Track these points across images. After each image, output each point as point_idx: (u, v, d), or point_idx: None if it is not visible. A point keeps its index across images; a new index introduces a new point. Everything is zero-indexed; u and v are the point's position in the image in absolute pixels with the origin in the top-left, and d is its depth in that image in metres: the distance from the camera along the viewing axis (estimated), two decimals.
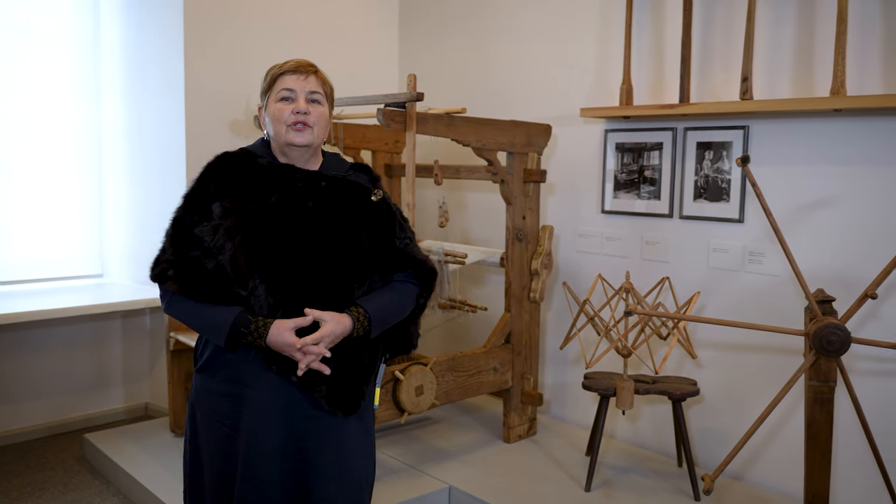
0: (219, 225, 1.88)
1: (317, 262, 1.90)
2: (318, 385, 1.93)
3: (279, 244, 1.88)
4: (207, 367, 1.99)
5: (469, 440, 3.69)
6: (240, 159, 2.02)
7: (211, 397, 1.98)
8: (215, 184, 1.96)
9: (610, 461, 3.46)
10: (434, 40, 4.66)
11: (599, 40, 3.77)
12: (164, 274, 1.91)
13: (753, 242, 3.25)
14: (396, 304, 2.04)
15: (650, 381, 3.23)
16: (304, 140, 1.97)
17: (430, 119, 3.15)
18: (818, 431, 2.65)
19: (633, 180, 3.65)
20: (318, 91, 2.01)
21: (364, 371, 2.02)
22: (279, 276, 1.88)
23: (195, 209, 1.94)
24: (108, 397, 4.34)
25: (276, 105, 1.99)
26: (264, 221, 1.89)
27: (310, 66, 2.03)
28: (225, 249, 1.85)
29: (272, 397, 1.93)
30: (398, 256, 2.06)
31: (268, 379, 1.92)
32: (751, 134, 3.24)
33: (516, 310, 3.61)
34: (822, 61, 3.00)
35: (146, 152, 4.22)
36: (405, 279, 2.08)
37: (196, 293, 1.88)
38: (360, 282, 1.98)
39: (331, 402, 1.94)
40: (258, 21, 4.18)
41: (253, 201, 1.91)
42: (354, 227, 1.98)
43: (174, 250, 1.91)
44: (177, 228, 1.94)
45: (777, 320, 3.11)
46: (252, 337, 1.86)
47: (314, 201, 1.96)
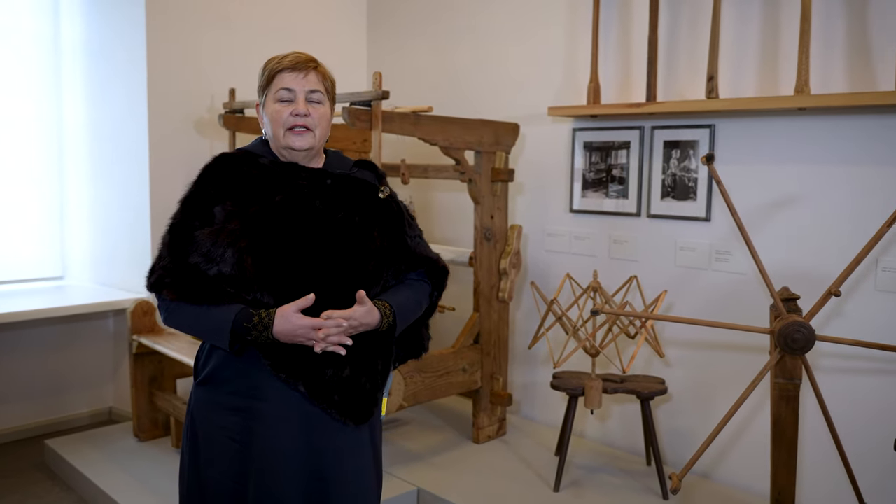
0: (222, 229, 1.77)
1: (329, 262, 1.81)
2: (331, 393, 1.81)
3: (288, 245, 1.78)
4: (211, 379, 1.87)
5: (438, 441, 3.66)
6: (239, 160, 1.90)
7: (216, 411, 1.85)
8: (215, 186, 1.84)
9: (579, 461, 3.46)
10: (402, 39, 4.63)
11: (567, 39, 3.77)
12: (161, 281, 1.78)
13: (720, 241, 3.26)
14: (415, 301, 1.96)
15: (618, 381, 3.22)
16: (305, 144, 1.87)
17: (396, 118, 3.12)
18: (784, 429, 2.66)
19: (602, 179, 3.65)
20: (318, 90, 1.88)
21: (378, 378, 1.92)
22: (290, 279, 1.77)
23: (195, 214, 1.82)
24: (69, 402, 4.25)
25: (274, 106, 1.87)
26: (271, 223, 1.78)
27: (310, 62, 1.89)
28: (229, 254, 1.73)
29: (285, 410, 1.81)
30: (411, 255, 1.98)
31: (279, 390, 1.80)
32: (717, 132, 3.25)
33: (485, 310, 3.59)
34: (787, 60, 3.02)
35: (108, 152, 4.14)
36: (418, 278, 2.01)
37: (195, 298, 1.76)
38: (374, 282, 1.89)
39: (342, 411, 1.82)
40: (223, 19, 4.12)
41: (257, 202, 1.81)
42: (365, 225, 1.88)
43: (172, 258, 1.79)
44: (175, 234, 1.81)
45: (744, 318, 3.12)
46: (257, 331, 1.73)
47: (321, 200, 1.85)
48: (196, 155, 4.04)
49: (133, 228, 4.02)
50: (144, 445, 3.63)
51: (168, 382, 3.72)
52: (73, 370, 4.27)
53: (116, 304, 3.94)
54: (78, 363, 4.28)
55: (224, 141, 4.09)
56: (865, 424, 2.91)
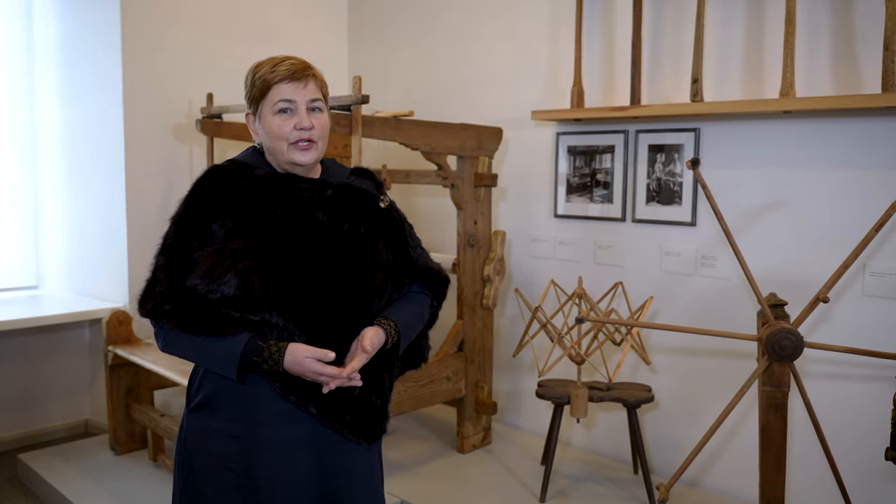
0: (223, 248, 1.66)
1: (338, 278, 1.72)
2: (342, 413, 1.73)
3: (295, 262, 1.69)
4: (206, 404, 1.75)
5: (422, 451, 3.60)
6: (234, 172, 1.78)
7: (212, 439, 1.74)
8: (211, 202, 1.72)
9: (565, 470, 3.40)
10: (383, 42, 4.56)
11: (550, 42, 3.72)
12: (160, 309, 1.65)
13: (706, 246, 3.22)
14: (417, 315, 1.89)
15: (604, 388, 3.18)
16: (309, 158, 1.76)
17: (376, 122, 3.06)
18: (772, 437, 2.62)
19: (586, 184, 3.60)
20: (318, 98, 1.77)
21: (386, 392, 1.85)
22: (299, 298, 1.68)
23: (192, 233, 1.70)
24: (45, 415, 4.15)
25: (273, 119, 1.74)
26: (274, 239, 1.69)
27: (307, 69, 1.76)
28: (232, 274, 1.63)
29: (294, 434, 1.72)
30: (414, 267, 1.91)
31: (286, 412, 1.71)
32: (702, 136, 3.21)
33: (469, 317, 3.53)
34: (772, 63, 2.99)
35: (83, 157, 4.04)
36: (419, 290, 1.93)
37: (198, 327, 1.64)
38: (380, 295, 1.81)
39: (355, 431, 1.75)
40: (201, 21, 4.04)
41: (257, 217, 1.70)
42: (370, 237, 1.80)
43: (169, 281, 1.66)
44: (171, 256, 1.69)
45: (730, 324, 3.09)
46: (267, 364, 1.65)
47: (324, 212, 1.76)
48: (174, 160, 3.96)
49: (109, 236, 3.93)
50: (121, 459, 3.54)
51: (145, 394, 3.63)
52: (49, 382, 4.17)
53: (92, 313, 3.85)
54: (53, 374, 4.18)
55: (202, 146, 4.01)
56: (854, 431, 2.88)
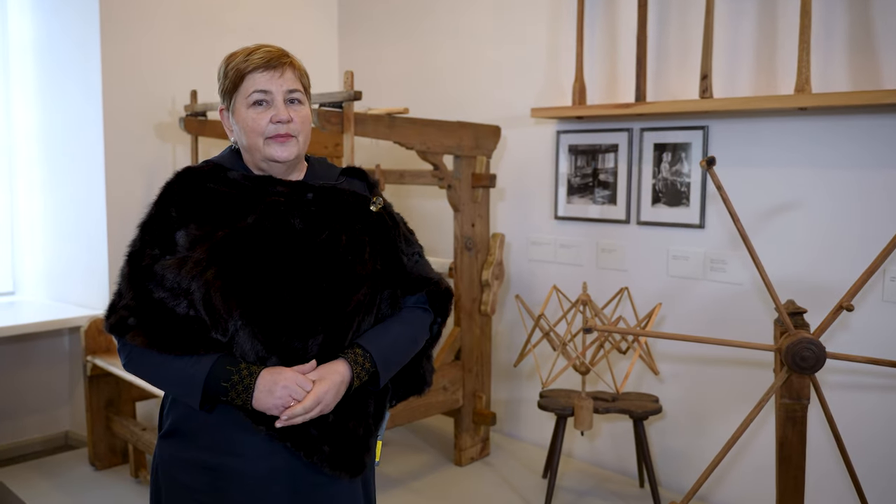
0: (186, 258, 1.51)
1: (309, 292, 1.53)
2: (319, 445, 1.54)
3: (262, 276, 1.51)
4: (175, 432, 1.59)
5: (418, 464, 3.44)
6: (205, 175, 1.62)
7: (182, 470, 1.58)
8: (177, 207, 1.57)
9: (568, 483, 3.25)
10: (376, 36, 4.40)
11: (550, 36, 3.57)
12: (124, 324, 1.51)
13: (715, 249, 3.08)
14: (406, 338, 1.66)
15: (610, 399, 3.03)
16: (289, 154, 1.59)
17: (369, 120, 2.90)
18: (791, 452, 2.47)
19: (588, 184, 3.45)
20: (296, 88, 1.60)
21: (370, 421, 1.64)
22: (265, 317, 1.50)
23: (155, 241, 1.56)
24: (22, 427, 3.96)
25: (247, 112, 1.59)
26: (241, 249, 1.52)
27: (283, 57, 1.60)
28: (195, 288, 1.48)
29: (268, 467, 1.55)
30: (408, 277, 1.69)
31: (258, 444, 1.54)
32: (710, 134, 3.07)
33: (466, 324, 3.38)
34: (786, 57, 2.84)
35: (62, 159, 3.86)
36: (415, 305, 1.72)
37: (166, 345, 1.50)
38: (367, 310, 1.61)
39: (333, 465, 1.55)
40: (184, 15, 3.86)
41: (226, 225, 1.54)
42: (353, 246, 1.60)
43: (134, 294, 1.52)
44: (134, 266, 1.55)
45: (741, 332, 2.95)
46: (235, 391, 1.47)
47: (301, 218, 1.58)
48: (157, 161, 3.78)
49: (89, 239, 3.75)
50: (101, 475, 3.37)
51: (126, 406, 3.46)
52: (26, 392, 3.98)
53: (71, 321, 3.67)
54: (31, 385, 3.99)
55: (186, 145, 3.84)
56: (873, 443, 2.74)
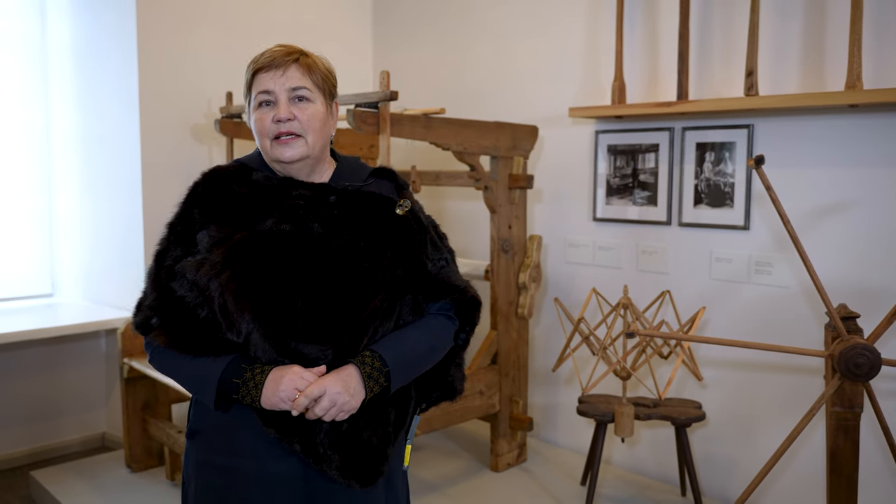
0: (204, 260, 1.52)
1: (323, 298, 1.51)
2: (329, 452, 1.52)
3: (275, 280, 1.50)
4: (196, 433, 1.61)
5: (454, 470, 3.39)
6: (230, 176, 1.64)
7: (203, 471, 1.59)
8: (200, 208, 1.60)
9: (607, 491, 3.18)
10: (410, 36, 4.36)
11: (588, 34, 3.50)
12: (147, 323, 1.54)
13: (760, 251, 2.98)
14: (425, 346, 1.62)
15: (651, 405, 2.95)
16: (295, 154, 1.59)
17: (405, 121, 2.86)
18: (842, 463, 2.38)
19: (627, 185, 3.37)
20: (302, 86, 1.59)
21: (390, 429, 1.59)
22: (276, 321, 1.49)
23: (178, 241, 1.59)
24: (60, 428, 3.99)
25: (255, 114, 1.61)
26: (257, 252, 1.51)
27: (288, 55, 1.60)
28: (212, 289, 1.48)
29: (281, 469, 1.54)
30: (432, 283, 1.65)
31: (270, 448, 1.54)
32: (755, 133, 2.97)
33: (503, 327, 3.32)
34: (835, 53, 2.74)
35: (100, 161, 3.89)
36: (438, 312, 1.68)
37: (185, 345, 1.52)
38: (385, 317, 1.58)
39: (344, 473, 1.52)
40: (219, 17, 3.86)
41: (244, 227, 1.55)
42: (373, 250, 1.57)
43: (157, 294, 1.55)
44: (159, 265, 1.58)
45: (788, 337, 2.85)
46: (246, 388, 1.48)
47: (321, 222, 1.57)
48: (192, 163, 3.78)
49: (126, 242, 3.76)
50: (137, 477, 3.37)
51: (162, 409, 3.46)
52: (64, 394, 4.01)
53: (108, 323, 3.69)
54: (68, 386, 4.02)
55: (222, 147, 3.84)
56: None
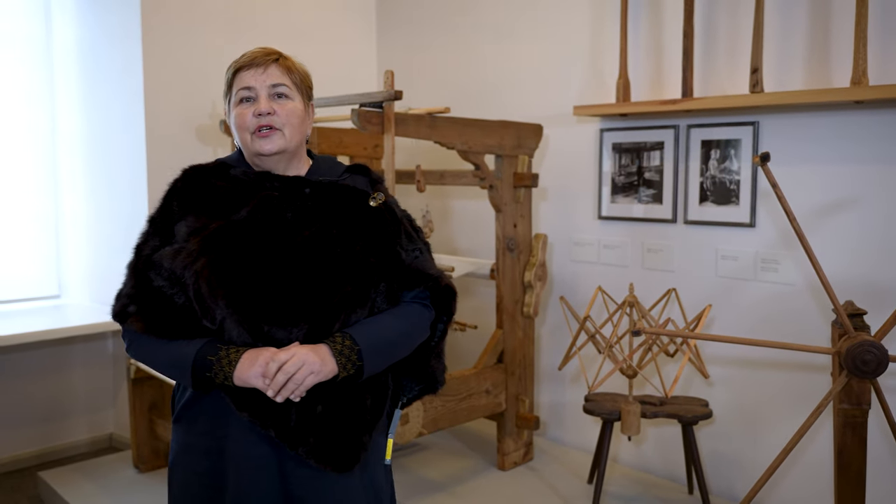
0: (181, 248, 1.58)
1: (294, 284, 1.55)
2: (305, 436, 1.54)
3: (248, 266, 1.55)
4: (182, 417, 1.66)
5: (460, 468, 3.39)
6: (209, 171, 1.72)
7: (190, 454, 1.64)
8: (179, 202, 1.67)
9: (614, 489, 3.18)
10: (414, 35, 4.36)
11: (592, 32, 3.49)
12: (125, 311, 1.60)
13: (766, 249, 2.98)
14: (397, 330, 1.64)
15: (658, 403, 2.95)
16: (274, 146, 1.65)
17: (410, 120, 2.86)
18: (850, 460, 2.37)
19: (632, 183, 3.37)
20: (281, 83, 1.66)
21: (367, 416, 1.62)
22: (249, 305, 1.53)
23: (157, 232, 1.66)
24: (67, 429, 4.00)
25: (236, 110, 1.67)
26: (231, 240, 1.57)
27: (268, 55, 1.68)
28: (187, 276, 1.54)
29: (258, 452, 1.58)
30: (405, 272, 1.68)
31: (248, 431, 1.57)
32: (761, 130, 2.97)
33: (509, 326, 3.32)
34: (840, 49, 2.74)
35: (105, 162, 3.90)
36: (413, 300, 1.71)
37: (162, 330, 1.57)
38: (360, 304, 1.61)
39: (318, 457, 1.55)
40: (222, 18, 3.87)
41: (220, 217, 1.61)
42: (346, 238, 1.62)
43: (135, 282, 1.61)
44: (137, 256, 1.64)
45: (795, 334, 2.85)
46: (219, 366, 1.51)
47: (294, 211, 1.63)
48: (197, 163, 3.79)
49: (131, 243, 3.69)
50: (145, 477, 3.38)
51: (169, 409, 3.45)
52: (71, 395, 4.02)
53: (115, 324, 3.66)
54: (76, 387, 4.04)
55: (227, 148, 3.84)
56: None
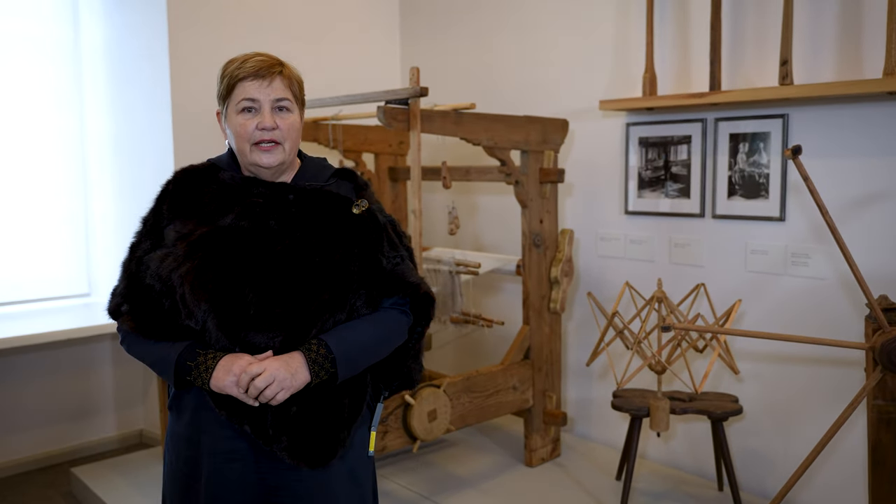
0: (169, 253, 1.63)
1: (273, 290, 1.59)
2: (278, 434, 1.60)
3: (229, 272, 1.59)
4: (173, 406, 1.74)
5: (488, 465, 3.39)
6: (201, 174, 1.76)
7: (177, 442, 1.72)
8: (169, 204, 1.72)
9: (642, 485, 3.16)
10: (438, 32, 4.36)
11: (618, 25, 3.47)
12: (118, 309, 1.68)
13: (797, 243, 2.94)
14: (374, 336, 1.68)
15: (687, 399, 2.92)
16: (274, 160, 1.69)
17: (435, 116, 2.86)
18: (884, 456, 2.35)
19: (659, 178, 3.34)
20: (285, 97, 1.70)
21: (344, 414, 1.67)
22: (229, 310, 1.58)
23: (149, 234, 1.71)
24: (99, 425, 4.06)
25: (236, 118, 1.69)
26: (215, 246, 1.62)
27: (273, 66, 1.70)
28: (174, 279, 1.59)
29: (233, 446, 1.65)
30: (385, 279, 1.72)
31: (226, 426, 1.65)
32: (791, 123, 2.93)
33: (535, 322, 3.31)
34: (872, 38, 2.69)
35: (133, 162, 3.94)
36: (394, 307, 1.75)
37: (150, 331, 1.64)
38: (335, 310, 1.64)
39: (292, 454, 1.61)
40: (247, 18, 3.89)
41: (206, 223, 1.66)
42: (326, 246, 1.65)
43: (127, 282, 1.68)
44: (131, 256, 1.71)
45: (825, 328, 2.81)
46: (197, 371, 1.58)
47: (277, 219, 1.67)
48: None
49: None
50: None
51: None
52: (102, 392, 4.08)
53: None
54: (106, 384, 4.09)
55: None
56: None
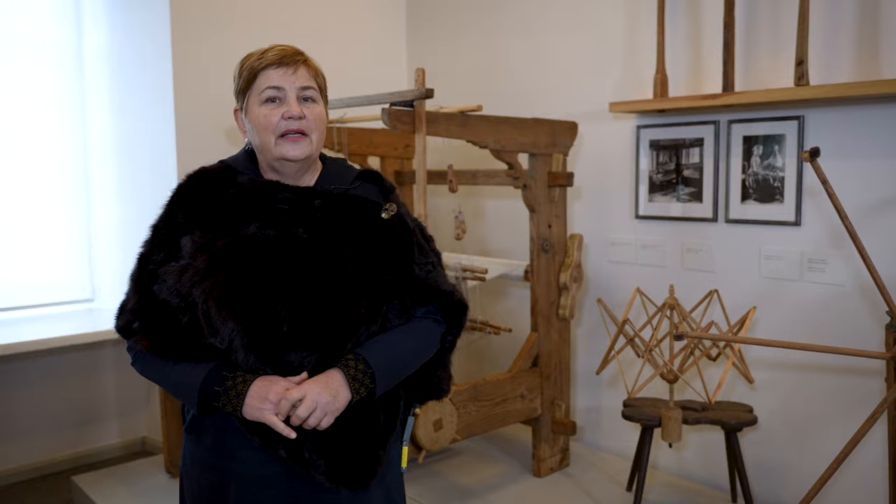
0: (187, 266, 1.50)
1: (307, 306, 1.49)
2: (315, 458, 1.49)
3: (258, 287, 1.48)
4: (192, 428, 1.61)
5: (495, 475, 3.32)
6: (216, 177, 1.63)
7: (196, 466, 1.60)
8: (184, 212, 1.59)
9: (654, 497, 3.08)
10: (445, 33, 4.30)
11: (628, 26, 3.40)
12: (129, 327, 1.53)
13: (813, 248, 2.86)
14: (410, 348, 1.60)
15: (699, 409, 2.85)
16: (302, 152, 1.57)
17: (441, 119, 2.80)
18: None
19: (671, 181, 3.27)
20: (310, 86, 1.59)
21: (380, 431, 1.57)
22: (258, 328, 1.47)
23: (161, 245, 1.57)
24: (100, 433, 4.01)
25: (260, 109, 1.57)
26: (241, 259, 1.50)
27: (297, 55, 1.60)
28: (195, 295, 1.47)
29: (266, 471, 1.53)
30: (419, 288, 1.63)
31: (257, 451, 1.53)
32: (806, 125, 2.85)
33: (544, 329, 3.24)
34: (891, 37, 2.61)
35: (136, 166, 3.89)
36: (425, 315, 1.66)
37: (168, 351, 1.50)
38: (371, 322, 1.56)
39: (331, 478, 1.50)
40: (251, 19, 3.84)
41: (228, 233, 1.54)
42: (358, 255, 1.55)
43: (139, 297, 1.54)
44: (141, 269, 1.57)
45: (842, 337, 2.73)
46: (227, 397, 1.45)
47: (305, 227, 1.55)
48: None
49: None
50: (176, 482, 3.35)
51: None
52: (104, 398, 4.03)
53: None
54: (108, 391, 4.04)
55: None
56: None
